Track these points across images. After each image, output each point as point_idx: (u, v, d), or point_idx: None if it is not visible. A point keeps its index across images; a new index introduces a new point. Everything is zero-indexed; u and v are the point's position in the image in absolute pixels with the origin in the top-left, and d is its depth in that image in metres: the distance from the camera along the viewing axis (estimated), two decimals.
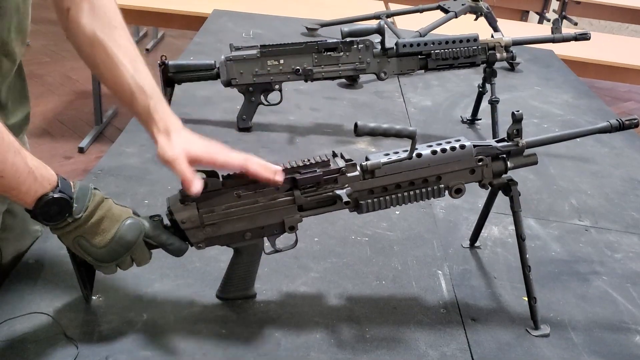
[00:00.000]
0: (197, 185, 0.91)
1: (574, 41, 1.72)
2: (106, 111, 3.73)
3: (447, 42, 1.67)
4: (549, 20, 4.14)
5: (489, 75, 1.75)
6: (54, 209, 0.83)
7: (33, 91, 1.03)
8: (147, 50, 5.02)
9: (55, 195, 0.83)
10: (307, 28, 2.57)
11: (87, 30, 1.02)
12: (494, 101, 1.75)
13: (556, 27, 1.73)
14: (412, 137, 0.97)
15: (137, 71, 1.01)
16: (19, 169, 0.79)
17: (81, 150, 3.42)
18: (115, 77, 1.01)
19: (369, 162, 0.99)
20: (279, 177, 0.94)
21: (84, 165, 3.30)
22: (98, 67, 1.03)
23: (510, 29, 2.11)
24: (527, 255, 1.07)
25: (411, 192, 1.01)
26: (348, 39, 1.68)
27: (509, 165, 1.05)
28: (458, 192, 1.03)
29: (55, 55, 4.64)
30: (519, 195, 1.07)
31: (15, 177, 0.79)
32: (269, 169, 0.94)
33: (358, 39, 1.68)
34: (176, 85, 1.67)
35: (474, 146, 1.03)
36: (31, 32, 1.01)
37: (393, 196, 1.01)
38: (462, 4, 2.33)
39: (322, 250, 1.21)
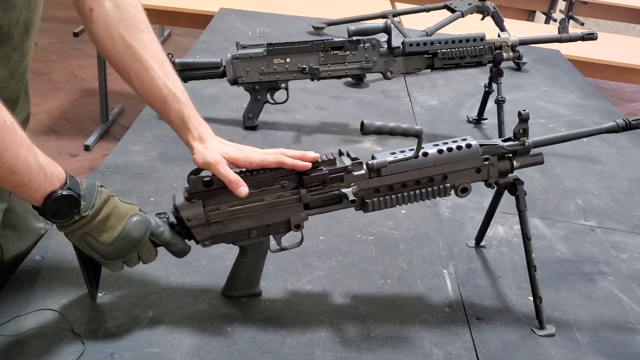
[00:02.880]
0: (244, 188, 0.94)
1: (580, 41, 1.71)
2: (112, 109, 3.74)
3: (453, 42, 1.67)
4: (555, 20, 4.13)
5: (496, 75, 1.75)
6: (62, 207, 0.83)
7: (39, 89, 1.03)
8: None
9: (64, 193, 0.83)
10: (313, 27, 2.57)
11: (112, 32, 1.01)
12: (500, 101, 1.75)
13: (563, 27, 1.73)
14: (418, 136, 0.97)
15: (167, 77, 1.02)
16: (30, 165, 0.79)
17: (87, 148, 3.43)
18: (145, 82, 1.01)
19: (375, 161, 0.99)
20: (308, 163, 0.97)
21: (90, 163, 3.30)
22: (127, 72, 1.02)
23: (517, 29, 2.11)
24: (533, 255, 1.07)
25: (417, 191, 1.01)
26: (354, 38, 1.68)
27: (515, 164, 1.05)
28: (464, 191, 1.03)
29: (61, 53, 4.65)
30: (525, 194, 1.07)
31: (27, 174, 0.79)
32: (306, 158, 0.96)
33: (364, 37, 1.68)
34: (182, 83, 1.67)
35: (480, 145, 1.03)
36: (38, 30, 1.00)
37: (399, 195, 1.01)
38: (469, 4, 2.32)
39: (328, 248, 1.21)
